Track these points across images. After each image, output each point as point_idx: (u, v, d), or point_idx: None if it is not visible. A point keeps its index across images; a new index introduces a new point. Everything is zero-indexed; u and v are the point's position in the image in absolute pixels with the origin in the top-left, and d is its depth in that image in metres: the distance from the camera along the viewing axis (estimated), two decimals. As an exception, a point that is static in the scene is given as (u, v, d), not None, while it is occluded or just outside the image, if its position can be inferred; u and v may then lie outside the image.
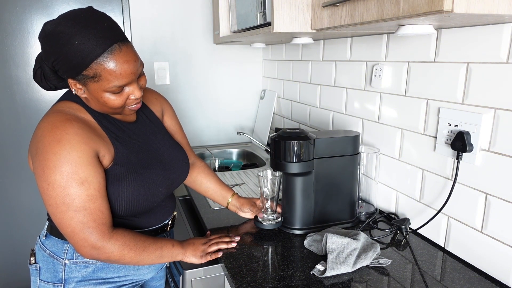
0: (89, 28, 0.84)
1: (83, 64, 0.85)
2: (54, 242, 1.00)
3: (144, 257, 0.96)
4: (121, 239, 0.92)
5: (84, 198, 0.87)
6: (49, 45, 0.86)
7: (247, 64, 2.42)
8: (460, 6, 0.66)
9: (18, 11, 1.95)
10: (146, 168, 1.00)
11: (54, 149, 0.85)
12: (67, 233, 0.88)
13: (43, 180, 0.86)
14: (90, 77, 0.87)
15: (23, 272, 2.24)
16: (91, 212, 0.88)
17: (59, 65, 0.87)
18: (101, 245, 0.89)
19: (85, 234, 0.87)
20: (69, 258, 0.99)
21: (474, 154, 0.98)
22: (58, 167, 0.85)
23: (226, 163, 2.24)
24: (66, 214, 0.86)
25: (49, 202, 0.87)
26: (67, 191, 0.85)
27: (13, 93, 2.03)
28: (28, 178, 2.15)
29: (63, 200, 0.86)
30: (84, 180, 0.87)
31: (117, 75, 0.87)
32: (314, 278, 0.97)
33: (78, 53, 0.83)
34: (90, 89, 0.90)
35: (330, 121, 1.69)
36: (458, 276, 0.98)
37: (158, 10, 2.15)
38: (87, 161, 0.87)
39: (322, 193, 1.21)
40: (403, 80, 1.22)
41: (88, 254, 0.90)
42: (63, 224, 0.87)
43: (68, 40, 0.83)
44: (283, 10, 1.14)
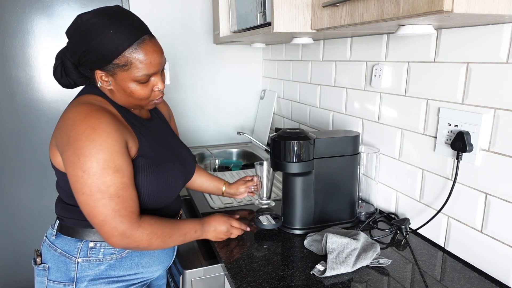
0: (122, 20, 0.90)
1: (116, 52, 0.89)
2: (66, 241, 1.01)
3: (169, 243, 1.00)
4: (149, 228, 0.94)
5: (118, 186, 0.88)
6: (82, 36, 0.90)
7: (247, 64, 2.42)
8: (460, 6, 0.66)
9: (18, 11, 1.95)
10: (167, 162, 1.03)
11: (90, 136, 0.86)
12: (98, 221, 0.89)
13: (78, 168, 0.86)
14: (121, 66, 0.91)
15: (23, 272, 2.24)
16: (124, 200, 0.90)
17: (89, 55, 0.90)
18: (131, 234, 0.91)
19: (116, 222, 0.89)
20: (82, 257, 0.99)
21: (474, 154, 0.98)
22: (95, 154, 0.86)
23: (226, 163, 2.24)
24: (100, 201, 0.87)
25: (83, 190, 0.87)
26: (103, 178, 0.87)
27: (13, 93, 2.04)
28: (28, 178, 2.15)
29: (99, 187, 0.87)
30: (119, 168, 0.89)
31: (147, 64, 0.92)
32: (314, 278, 0.97)
33: (112, 41, 0.88)
34: (118, 79, 0.93)
35: (330, 121, 1.69)
36: (458, 276, 0.98)
37: (158, 10, 2.15)
38: (121, 150, 0.90)
39: (322, 193, 1.21)
40: (403, 80, 1.22)
41: (118, 243, 0.91)
42: (96, 212, 0.88)
43: (103, 29, 0.88)
44: (283, 10, 1.14)
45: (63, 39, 2.03)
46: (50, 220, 2.17)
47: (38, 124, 2.10)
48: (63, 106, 2.10)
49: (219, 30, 1.80)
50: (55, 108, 2.11)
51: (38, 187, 2.17)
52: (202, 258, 1.22)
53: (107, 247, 1.00)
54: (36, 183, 2.16)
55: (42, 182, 2.16)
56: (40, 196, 2.18)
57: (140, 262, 1.05)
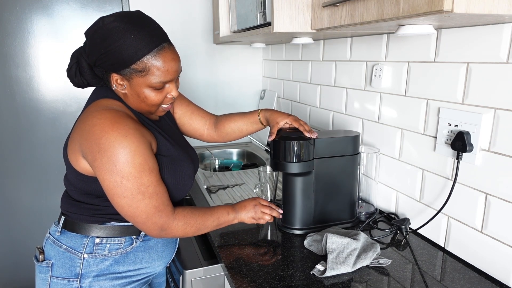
0: (143, 26, 0.93)
1: (135, 57, 0.91)
2: (71, 237, 1.02)
3: (204, 229, 1.06)
4: (182, 219, 1.00)
5: (155, 184, 0.94)
6: (102, 38, 0.91)
7: (247, 64, 2.42)
8: (460, 6, 0.66)
9: (18, 11, 1.95)
10: (181, 160, 1.07)
11: (123, 143, 0.89)
12: (140, 220, 0.95)
13: (116, 175, 0.90)
14: (138, 71, 0.93)
15: (23, 271, 2.24)
16: (161, 196, 0.96)
17: (108, 57, 0.92)
18: (168, 226, 0.98)
19: (156, 217, 0.95)
20: (88, 252, 1.01)
21: (474, 154, 0.98)
22: (131, 160, 0.90)
23: (226, 163, 2.24)
24: (142, 202, 0.93)
25: (124, 194, 0.92)
26: (141, 180, 0.92)
27: (13, 93, 2.03)
28: (28, 178, 2.15)
29: (139, 189, 0.92)
30: (153, 168, 0.94)
31: (164, 71, 0.95)
32: (314, 278, 0.97)
33: (132, 47, 0.90)
34: (134, 84, 0.96)
35: (330, 121, 1.69)
36: (458, 276, 0.98)
37: (158, 10, 2.15)
38: (150, 152, 0.95)
39: (322, 193, 1.21)
40: (403, 80, 1.22)
41: (157, 235, 0.99)
42: (139, 211, 0.93)
43: (124, 34, 0.90)
44: (283, 10, 1.14)
45: (63, 39, 2.05)
46: (50, 220, 2.17)
47: (38, 124, 2.10)
48: (63, 106, 2.11)
49: (219, 30, 1.80)
50: (55, 108, 2.11)
51: (38, 187, 2.17)
52: (202, 258, 1.22)
53: (112, 242, 1.02)
54: (36, 183, 2.16)
55: (42, 182, 2.16)
56: (40, 196, 2.18)
57: (143, 258, 1.06)
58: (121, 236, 1.02)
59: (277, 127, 1.19)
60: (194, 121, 1.32)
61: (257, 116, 1.28)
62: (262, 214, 1.14)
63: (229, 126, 1.32)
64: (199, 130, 1.34)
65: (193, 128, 1.32)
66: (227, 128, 1.32)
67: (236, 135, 1.33)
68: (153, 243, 1.07)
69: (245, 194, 1.57)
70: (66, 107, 2.12)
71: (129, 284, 1.06)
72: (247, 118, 1.31)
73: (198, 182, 1.72)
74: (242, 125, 1.32)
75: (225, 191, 1.61)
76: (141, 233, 1.05)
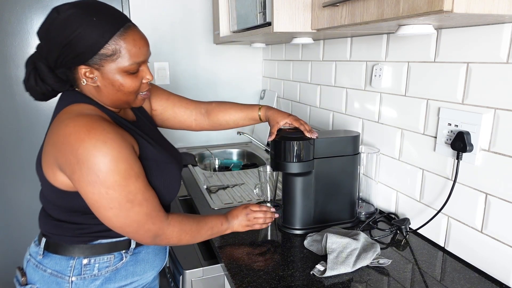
0: (103, 9, 0.85)
1: (102, 40, 0.83)
2: (56, 260, 0.95)
3: (198, 238, 1.02)
4: (178, 225, 0.96)
5: (144, 190, 0.88)
6: (61, 29, 0.82)
7: (247, 64, 2.42)
8: (460, 6, 0.66)
9: (18, 11, 1.95)
10: (167, 163, 1.00)
11: (103, 150, 0.81)
12: (132, 229, 0.89)
13: (100, 185, 0.82)
14: (108, 56, 0.85)
15: (23, 272, 2.24)
16: (151, 202, 0.90)
17: (70, 49, 0.83)
18: (162, 232, 0.93)
19: (149, 224, 0.90)
20: (76, 275, 0.94)
21: (474, 154, 0.98)
22: (115, 167, 0.82)
23: (226, 163, 2.24)
24: (131, 210, 0.86)
25: (111, 205, 0.84)
26: (128, 188, 0.85)
27: (13, 93, 2.03)
28: (28, 178, 2.15)
29: (127, 197, 0.85)
30: (139, 173, 0.87)
31: (136, 51, 0.87)
32: (314, 278, 0.97)
33: (96, 29, 0.82)
34: (106, 72, 0.87)
35: (330, 121, 1.69)
36: (458, 276, 0.98)
37: (158, 10, 2.15)
38: (134, 156, 0.87)
39: (322, 193, 1.21)
40: (403, 80, 1.22)
41: (152, 242, 0.94)
42: (129, 221, 0.87)
43: (85, 18, 0.82)
44: (283, 10, 1.14)
45: (63, 39, 2.04)
46: (50, 220, 2.18)
47: (38, 124, 2.10)
48: (63, 106, 2.11)
49: (219, 30, 1.80)
50: (55, 108, 2.11)
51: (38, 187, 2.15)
52: (202, 258, 1.22)
53: (101, 261, 0.96)
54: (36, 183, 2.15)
55: (42, 182, 2.16)
56: (40, 196, 2.18)
57: (135, 271, 1.01)
58: (110, 253, 0.96)
59: (277, 126, 1.17)
60: (178, 113, 1.25)
61: (257, 113, 1.24)
62: (255, 220, 1.12)
63: (223, 118, 1.27)
64: (186, 122, 1.27)
65: (178, 121, 1.26)
66: (221, 119, 1.27)
67: (230, 127, 1.29)
68: (144, 255, 1.02)
69: (245, 194, 1.57)
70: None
71: None
72: (246, 113, 1.26)
73: (198, 182, 1.72)
74: (239, 119, 1.27)
75: (225, 191, 1.61)
76: (131, 247, 0.99)
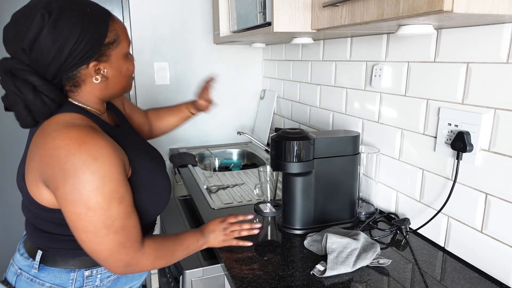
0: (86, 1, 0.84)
1: (104, 28, 0.82)
2: (55, 273, 0.90)
3: (173, 260, 0.98)
4: (152, 253, 0.90)
5: (123, 217, 0.81)
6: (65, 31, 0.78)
7: (247, 64, 2.42)
8: (460, 6, 0.66)
9: (18, 11, 1.95)
10: (158, 174, 0.97)
11: (92, 168, 0.75)
12: (102, 257, 0.83)
13: (81, 205, 0.76)
14: (112, 43, 0.84)
15: (23, 272, 2.24)
16: (128, 231, 0.83)
17: (81, 46, 0.79)
18: (136, 262, 0.87)
19: (121, 255, 0.83)
20: (78, 287, 0.91)
21: (474, 154, 0.98)
22: (100, 187, 0.76)
23: (226, 163, 2.24)
24: (106, 238, 0.80)
25: (88, 228, 0.78)
26: (109, 212, 0.78)
27: (13, 93, 2.03)
28: (28, 178, 2.15)
29: (105, 223, 0.78)
30: (123, 197, 0.81)
31: (126, 33, 0.90)
32: (314, 278, 0.97)
33: (97, 16, 0.82)
34: (114, 60, 0.86)
35: (330, 121, 1.69)
36: (458, 276, 0.98)
37: (158, 10, 2.15)
38: (123, 177, 0.81)
39: (322, 193, 1.21)
40: (403, 80, 1.22)
41: (122, 272, 0.87)
42: (101, 249, 0.81)
43: (81, 11, 0.80)
44: (283, 10, 1.14)
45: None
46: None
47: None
48: (63, 106, 2.11)
49: (219, 30, 1.80)
50: (55, 108, 2.11)
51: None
52: (202, 258, 1.22)
53: (103, 271, 0.94)
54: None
55: (42, 182, 2.16)
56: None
57: (134, 276, 1.02)
58: None
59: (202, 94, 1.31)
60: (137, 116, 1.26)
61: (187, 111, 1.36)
62: (231, 234, 1.08)
63: (162, 125, 1.36)
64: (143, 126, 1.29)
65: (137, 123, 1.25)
66: (161, 127, 1.36)
67: (169, 130, 1.40)
68: None
69: (245, 194, 1.57)
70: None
71: None
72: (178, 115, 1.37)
73: (198, 182, 1.72)
74: (174, 121, 1.38)
75: (225, 191, 1.61)
76: None
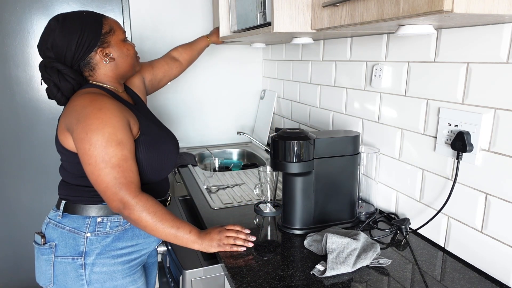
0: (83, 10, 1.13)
1: (99, 23, 1.09)
2: (74, 219, 1.11)
3: (159, 227, 1.04)
4: (144, 202, 1.02)
5: (119, 157, 1.00)
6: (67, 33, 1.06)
7: (247, 64, 2.42)
8: (460, 6, 0.66)
9: (18, 11, 1.95)
10: (164, 139, 1.18)
11: (97, 115, 0.99)
12: (101, 188, 1.00)
13: (86, 142, 0.98)
14: (109, 32, 1.11)
15: (23, 272, 2.24)
16: (124, 170, 1.00)
17: (86, 37, 1.06)
18: (127, 201, 1.00)
19: (116, 189, 0.99)
20: (91, 231, 1.10)
21: (474, 154, 0.98)
22: (101, 129, 0.98)
23: (226, 163, 2.24)
24: (103, 170, 0.99)
25: (89, 161, 0.99)
26: (106, 150, 0.98)
27: (13, 93, 2.04)
28: (28, 178, 2.15)
29: (103, 158, 0.98)
30: (120, 142, 1.01)
31: (118, 25, 1.15)
32: (314, 278, 0.97)
33: (92, 17, 1.09)
34: (114, 44, 1.12)
35: (330, 121, 1.69)
36: (458, 276, 0.98)
37: (158, 10, 2.15)
38: (123, 126, 1.03)
39: (322, 193, 1.21)
40: (403, 80, 1.22)
41: (116, 208, 1.01)
42: (100, 180, 0.99)
43: (79, 15, 1.09)
44: (283, 10, 1.14)
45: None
46: (50, 220, 2.17)
47: (38, 124, 2.10)
48: (63, 106, 2.11)
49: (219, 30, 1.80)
50: (55, 108, 2.11)
51: (38, 187, 2.17)
52: (202, 258, 1.22)
53: (112, 220, 1.12)
54: (36, 183, 2.16)
55: (42, 182, 2.16)
56: (40, 196, 2.18)
57: (140, 233, 1.16)
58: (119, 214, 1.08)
59: None
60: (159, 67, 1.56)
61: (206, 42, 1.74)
62: (226, 239, 1.10)
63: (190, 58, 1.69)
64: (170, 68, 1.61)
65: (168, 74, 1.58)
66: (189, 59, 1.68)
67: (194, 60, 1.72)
68: None
69: (245, 194, 1.57)
70: None
71: (128, 262, 1.15)
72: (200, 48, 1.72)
73: (198, 182, 1.72)
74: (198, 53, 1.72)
75: (225, 191, 1.61)
76: None
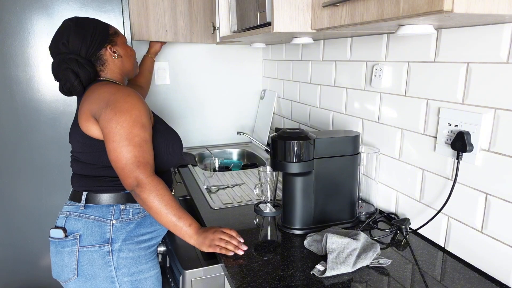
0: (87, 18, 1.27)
1: (106, 26, 1.24)
2: (97, 208, 1.17)
3: (163, 211, 1.08)
4: (155, 183, 1.07)
5: (142, 138, 1.08)
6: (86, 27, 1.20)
7: (247, 64, 2.42)
8: (460, 6, 0.66)
9: (18, 11, 1.95)
10: (172, 131, 1.28)
11: (126, 99, 1.10)
12: (120, 165, 1.06)
13: (114, 122, 1.06)
14: (114, 34, 1.25)
15: (23, 272, 2.24)
16: (143, 151, 1.08)
17: (97, 35, 1.20)
18: (141, 179, 1.06)
19: (134, 166, 1.06)
20: (116, 218, 1.16)
21: (474, 154, 0.98)
22: (129, 110, 1.08)
23: (226, 163, 2.24)
24: (126, 147, 1.06)
25: (114, 138, 1.06)
26: (132, 129, 1.07)
27: (13, 93, 2.03)
28: (28, 178, 2.14)
29: (127, 136, 1.06)
30: (144, 125, 1.10)
31: (119, 32, 1.30)
32: (314, 278, 0.97)
33: (99, 21, 1.24)
34: (119, 43, 1.26)
35: (330, 121, 1.69)
36: (458, 276, 0.98)
37: (158, 10, 2.15)
38: (146, 112, 1.13)
39: (322, 193, 1.21)
40: (403, 80, 1.22)
41: (129, 185, 1.07)
42: (121, 156, 1.06)
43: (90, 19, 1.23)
44: (283, 10, 1.14)
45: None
46: (49, 220, 2.17)
47: (38, 124, 2.10)
48: (63, 106, 2.10)
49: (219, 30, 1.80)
50: (55, 108, 2.11)
51: (37, 187, 2.17)
52: (202, 258, 1.22)
53: (134, 207, 1.19)
54: (36, 183, 2.16)
55: (42, 182, 2.16)
56: (40, 196, 2.18)
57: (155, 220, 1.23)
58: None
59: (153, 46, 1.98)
60: None
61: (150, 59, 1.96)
62: (219, 241, 1.08)
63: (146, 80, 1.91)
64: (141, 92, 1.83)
65: None
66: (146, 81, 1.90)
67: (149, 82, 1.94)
68: None
69: (245, 194, 1.57)
70: (66, 107, 2.12)
71: (149, 248, 1.23)
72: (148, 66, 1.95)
73: (198, 182, 1.72)
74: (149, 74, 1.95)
75: (225, 191, 1.61)
76: None
